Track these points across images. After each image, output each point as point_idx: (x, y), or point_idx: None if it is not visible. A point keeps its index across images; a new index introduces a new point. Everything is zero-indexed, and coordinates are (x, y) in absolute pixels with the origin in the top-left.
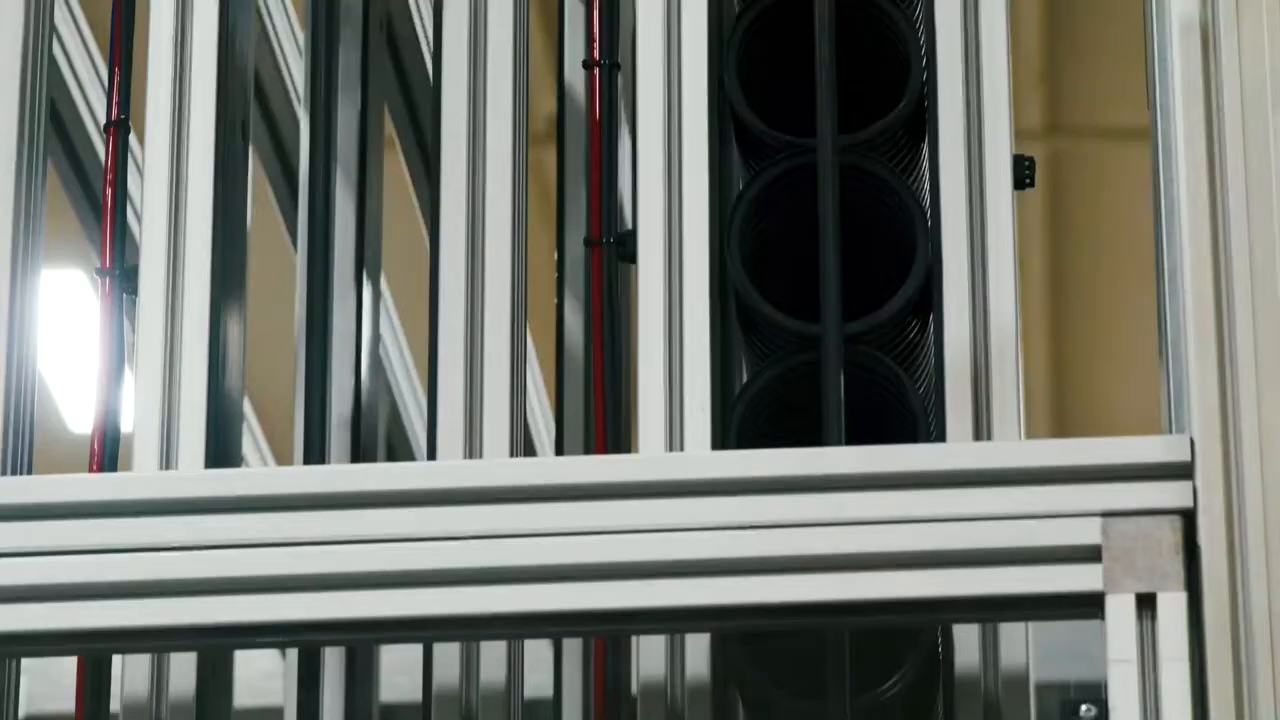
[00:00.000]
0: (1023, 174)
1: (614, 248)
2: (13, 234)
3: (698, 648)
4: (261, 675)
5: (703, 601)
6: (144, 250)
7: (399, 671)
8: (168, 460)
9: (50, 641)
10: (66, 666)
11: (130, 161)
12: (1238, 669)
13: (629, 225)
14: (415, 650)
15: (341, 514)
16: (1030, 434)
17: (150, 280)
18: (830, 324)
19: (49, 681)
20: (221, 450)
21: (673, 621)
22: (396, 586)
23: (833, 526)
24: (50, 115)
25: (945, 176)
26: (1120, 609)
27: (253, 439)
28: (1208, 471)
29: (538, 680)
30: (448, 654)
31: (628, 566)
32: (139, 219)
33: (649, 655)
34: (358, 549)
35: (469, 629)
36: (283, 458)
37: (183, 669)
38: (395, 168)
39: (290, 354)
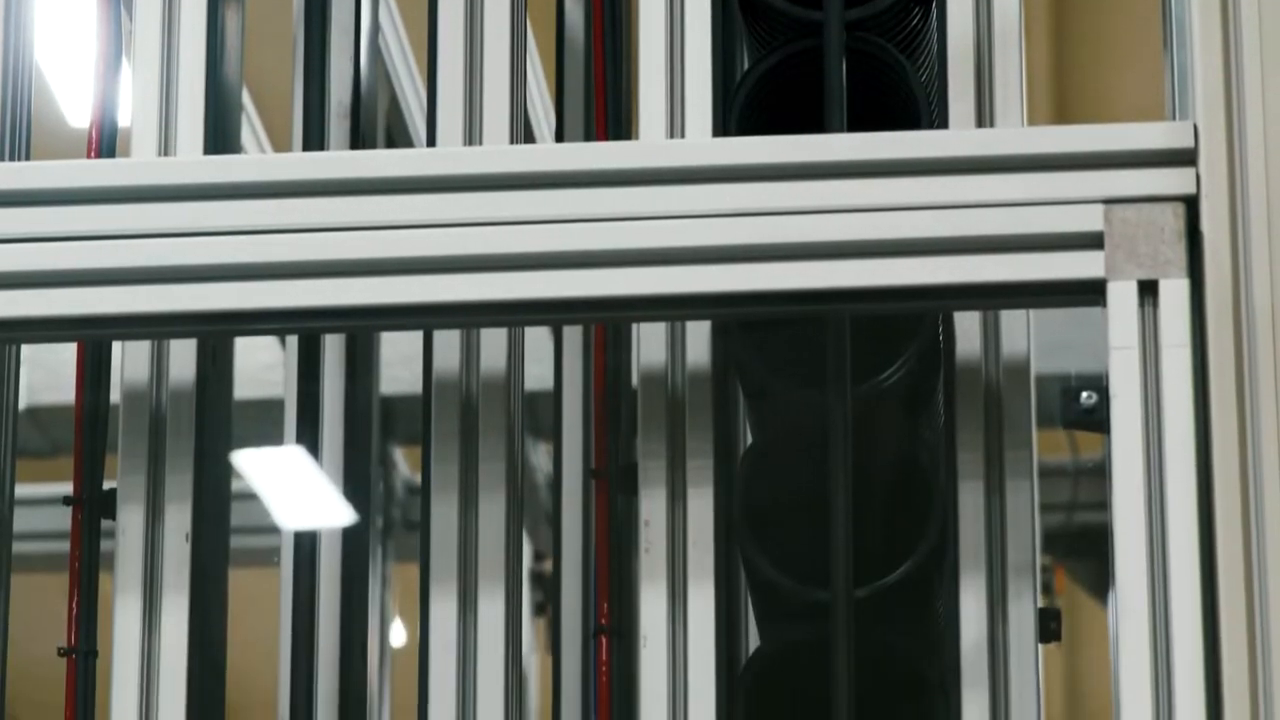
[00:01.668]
0: None
1: None
2: None
3: (698, 337)
4: (262, 367)
5: (703, 289)
6: None
7: (398, 364)
8: (166, 149)
9: (50, 327)
10: (66, 357)
11: None
12: (1239, 355)
13: None
14: (415, 343)
15: (341, 200)
16: (1032, 123)
17: None
18: (832, 9)
19: (49, 372)
20: (220, 140)
21: (673, 309)
22: (396, 273)
23: (834, 213)
24: None
25: None
26: (1122, 295)
27: (251, 130)
28: (1211, 157)
29: (538, 372)
30: (447, 345)
31: (628, 254)
32: None
33: (649, 345)
34: (357, 236)
35: (468, 316)
36: (282, 150)
37: (182, 358)
38: None
39: (289, 43)
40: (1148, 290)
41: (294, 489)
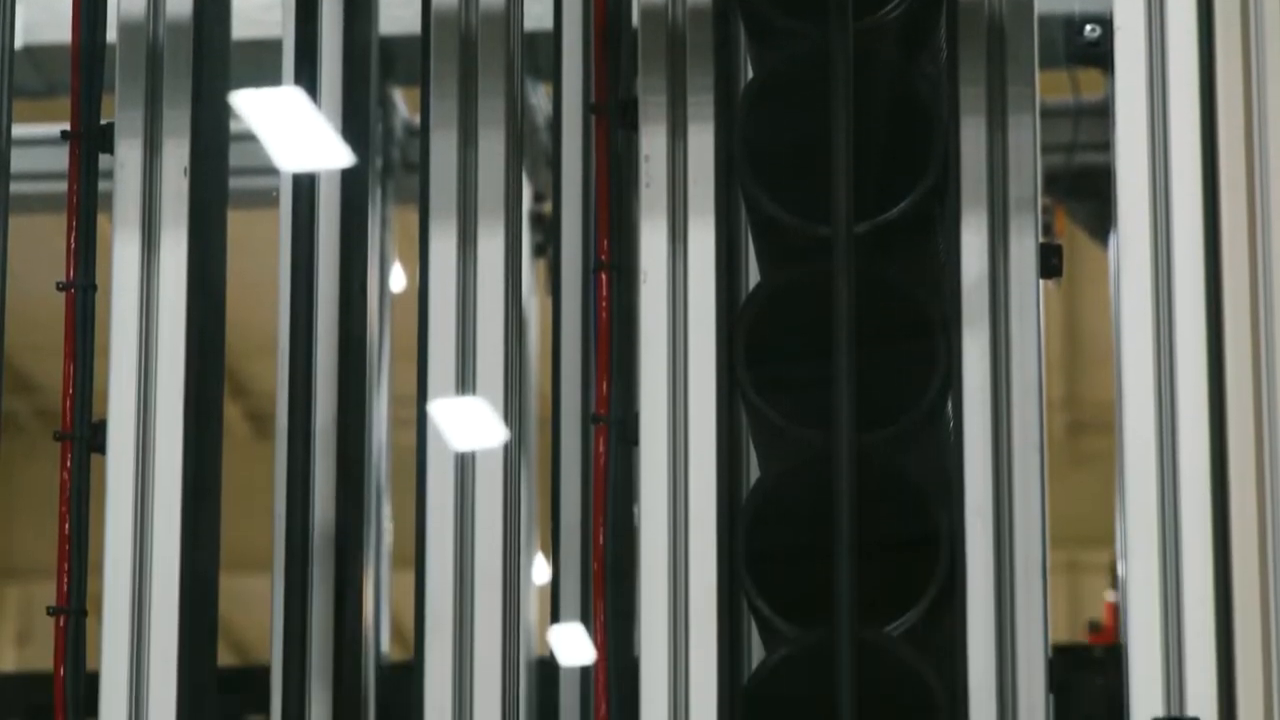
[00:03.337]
0: None
1: None
2: None
3: None
4: (259, 7)
5: None
6: None
7: (398, 3)
8: None
9: None
10: None
11: None
12: None
13: None
14: None
15: None
16: None
17: None
18: None
19: (46, 9)
20: None
21: None
22: None
23: None
24: None
25: None
26: None
27: None
28: None
29: (538, 11)
30: None
31: None
32: None
33: None
34: None
35: None
36: None
37: None
38: None
39: None
40: None
41: (292, 130)
